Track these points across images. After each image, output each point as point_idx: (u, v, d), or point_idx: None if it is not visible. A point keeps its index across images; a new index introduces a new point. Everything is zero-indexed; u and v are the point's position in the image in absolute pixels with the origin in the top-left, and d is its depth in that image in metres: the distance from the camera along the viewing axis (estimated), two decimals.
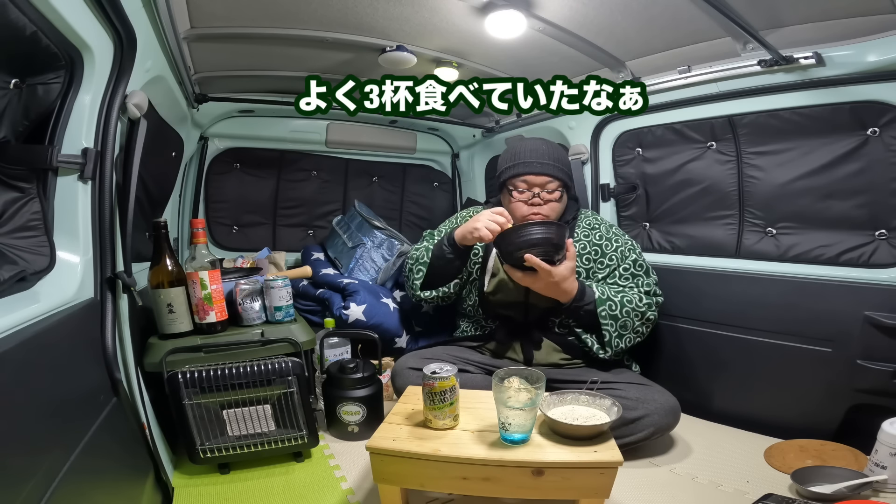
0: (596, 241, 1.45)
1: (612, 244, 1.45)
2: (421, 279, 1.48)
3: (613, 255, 1.44)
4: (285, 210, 2.36)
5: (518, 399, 0.88)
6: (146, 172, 1.21)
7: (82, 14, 0.80)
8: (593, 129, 1.79)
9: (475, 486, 0.90)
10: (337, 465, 1.23)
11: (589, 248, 1.44)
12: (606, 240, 1.46)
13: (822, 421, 1.27)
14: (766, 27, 1.22)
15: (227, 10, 1.33)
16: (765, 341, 1.36)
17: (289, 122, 2.22)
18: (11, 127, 0.76)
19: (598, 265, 1.43)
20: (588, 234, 1.46)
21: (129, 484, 0.93)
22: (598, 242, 1.45)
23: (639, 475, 1.18)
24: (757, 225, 1.44)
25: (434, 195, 2.66)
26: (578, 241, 1.45)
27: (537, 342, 1.41)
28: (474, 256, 1.50)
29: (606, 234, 1.47)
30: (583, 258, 1.43)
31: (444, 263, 1.43)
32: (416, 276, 1.49)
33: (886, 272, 1.19)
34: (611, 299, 1.34)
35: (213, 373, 1.13)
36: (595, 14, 1.32)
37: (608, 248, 1.45)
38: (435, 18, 1.40)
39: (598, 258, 1.44)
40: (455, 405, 0.97)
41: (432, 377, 0.94)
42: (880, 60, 1.10)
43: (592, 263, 1.44)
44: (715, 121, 1.47)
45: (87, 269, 0.90)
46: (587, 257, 1.43)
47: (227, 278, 1.34)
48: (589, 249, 1.44)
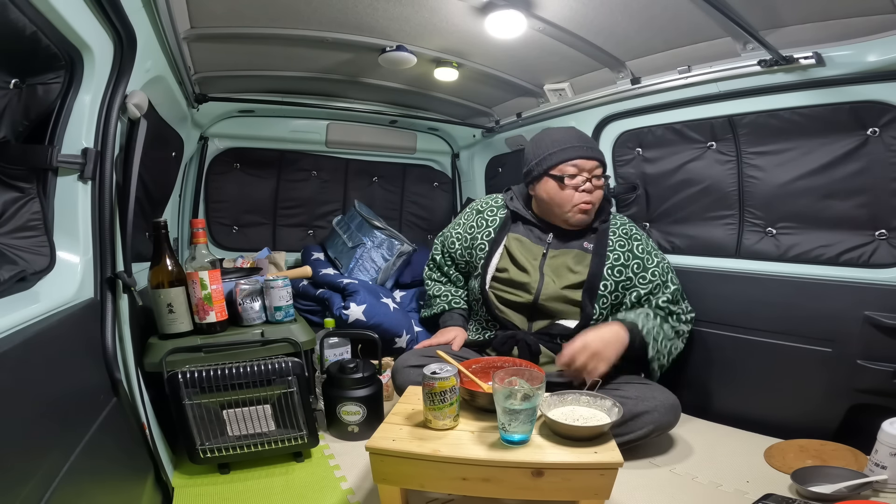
0: (638, 254, 1.36)
1: (652, 258, 1.36)
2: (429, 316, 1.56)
3: (655, 271, 1.35)
4: (285, 210, 2.36)
5: (518, 400, 0.88)
6: (146, 172, 1.21)
7: (82, 14, 0.80)
8: (593, 129, 1.78)
9: (475, 487, 0.90)
10: (337, 465, 1.23)
11: (623, 258, 1.34)
12: (647, 253, 1.36)
13: (822, 421, 1.27)
14: (766, 27, 1.22)
15: (227, 10, 1.33)
16: (765, 341, 1.36)
17: (289, 122, 2.22)
18: (11, 127, 0.76)
19: (640, 280, 1.34)
20: (624, 244, 1.36)
21: (129, 484, 0.93)
22: (640, 256, 1.35)
23: (639, 476, 1.18)
24: (757, 225, 1.44)
25: (434, 195, 2.66)
26: (613, 250, 1.35)
27: (535, 353, 1.35)
28: (480, 252, 1.45)
29: (647, 246, 1.38)
30: (615, 270, 1.33)
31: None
32: (426, 312, 1.56)
33: (886, 272, 1.19)
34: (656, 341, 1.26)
35: (213, 373, 1.13)
36: (595, 14, 1.32)
37: (650, 262, 1.35)
38: (435, 18, 1.40)
39: (640, 273, 1.35)
40: (455, 405, 0.97)
41: (432, 377, 0.94)
42: (880, 60, 1.10)
43: (628, 275, 1.34)
44: (715, 121, 1.47)
45: (87, 269, 0.90)
46: (619, 269, 1.34)
47: (227, 278, 1.34)
48: (623, 260, 1.34)
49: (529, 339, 1.35)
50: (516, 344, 1.36)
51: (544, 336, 1.36)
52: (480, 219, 1.50)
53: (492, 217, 1.48)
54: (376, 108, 2.19)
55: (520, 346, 1.35)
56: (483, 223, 1.48)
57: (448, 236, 1.56)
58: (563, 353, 1.13)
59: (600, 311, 1.35)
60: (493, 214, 1.49)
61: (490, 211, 1.50)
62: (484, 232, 1.47)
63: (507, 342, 1.36)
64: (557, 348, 1.31)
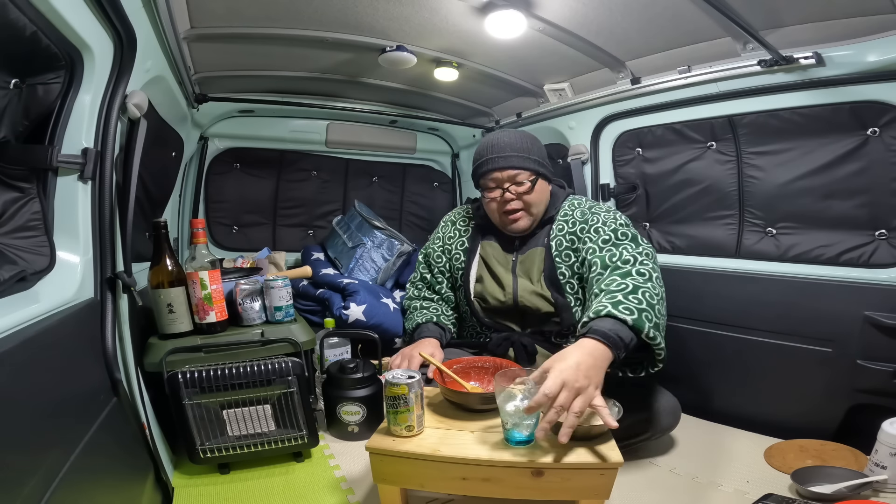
0: (570, 229, 1.31)
1: (587, 225, 1.29)
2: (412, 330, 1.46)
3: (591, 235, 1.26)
4: (285, 210, 2.36)
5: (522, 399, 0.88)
6: (146, 172, 1.21)
7: (82, 14, 0.80)
8: (593, 129, 1.79)
9: (475, 487, 0.90)
10: (337, 465, 1.23)
11: (566, 241, 1.31)
12: (582, 223, 1.30)
13: (822, 421, 1.27)
14: (766, 27, 1.22)
15: (227, 9, 1.33)
16: (765, 341, 1.36)
17: (289, 122, 2.22)
18: (11, 127, 0.76)
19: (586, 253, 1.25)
20: (563, 227, 1.33)
21: (129, 484, 0.93)
22: (572, 231, 1.31)
23: (639, 476, 1.18)
24: (757, 225, 1.44)
25: (434, 195, 2.66)
26: (554, 237, 1.32)
27: (531, 354, 1.33)
28: (458, 263, 1.44)
29: (581, 217, 1.32)
30: (562, 255, 1.30)
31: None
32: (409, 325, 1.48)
33: (886, 272, 1.19)
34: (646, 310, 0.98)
35: (213, 373, 1.12)
36: (595, 14, 1.32)
37: (584, 230, 1.28)
38: (435, 18, 1.40)
39: (575, 246, 1.29)
40: (408, 415, 0.92)
41: (387, 382, 0.92)
42: (880, 60, 1.10)
43: (574, 257, 1.29)
44: (715, 121, 1.47)
45: (87, 269, 0.90)
46: (566, 252, 1.30)
47: (227, 278, 1.34)
48: (566, 244, 1.30)
49: (525, 340, 1.33)
50: (511, 346, 1.34)
51: (538, 336, 1.35)
52: (454, 229, 1.49)
53: (464, 227, 1.48)
54: (376, 108, 2.19)
55: (515, 348, 1.34)
56: (457, 233, 1.48)
57: (432, 251, 1.52)
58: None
59: (573, 298, 1.30)
60: (465, 224, 1.48)
61: (462, 221, 1.49)
62: (458, 242, 1.46)
63: (503, 344, 1.35)
64: (554, 346, 1.31)
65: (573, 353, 0.89)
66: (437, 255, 1.50)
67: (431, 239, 1.56)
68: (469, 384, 1.13)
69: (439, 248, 1.50)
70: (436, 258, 1.50)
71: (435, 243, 1.52)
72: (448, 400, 1.07)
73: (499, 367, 1.14)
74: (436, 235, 1.54)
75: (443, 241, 1.50)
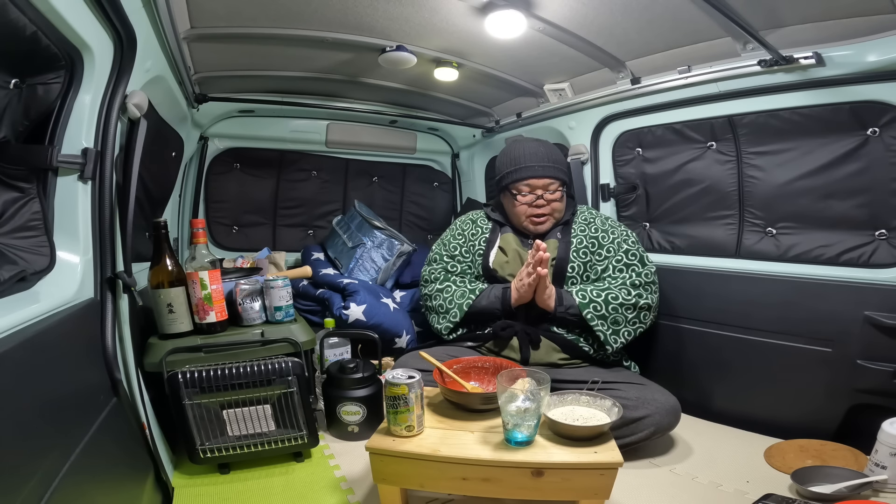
0: (592, 233, 1.49)
1: (608, 235, 1.48)
2: (453, 324, 1.47)
3: (610, 247, 1.47)
4: (285, 210, 2.36)
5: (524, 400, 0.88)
6: (146, 172, 1.21)
7: (82, 14, 0.80)
8: (593, 129, 1.79)
9: (475, 487, 0.90)
10: (337, 465, 1.23)
11: (586, 241, 1.47)
12: (602, 231, 1.49)
13: (822, 421, 1.27)
14: (766, 27, 1.22)
15: (227, 10, 1.33)
16: (765, 341, 1.36)
17: (289, 122, 2.22)
18: (11, 127, 0.76)
19: (597, 257, 1.46)
20: (584, 229, 1.50)
21: (129, 484, 0.93)
22: (594, 235, 1.48)
23: (639, 475, 1.18)
24: (757, 225, 1.44)
25: (434, 195, 2.66)
26: (576, 236, 1.48)
27: (535, 341, 1.40)
28: (479, 246, 1.53)
29: (602, 226, 1.51)
30: (580, 252, 1.45)
31: (490, 317, 1.45)
32: (446, 320, 1.48)
33: (886, 272, 1.19)
34: (594, 301, 1.37)
35: (213, 373, 1.13)
36: (595, 14, 1.32)
37: (605, 239, 1.48)
38: (435, 18, 1.40)
39: (595, 250, 1.46)
40: (408, 415, 0.93)
41: (387, 382, 0.93)
42: (880, 60, 1.10)
43: (590, 256, 1.46)
44: (715, 121, 1.47)
45: (87, 269, 0.90)
46: (584, 251, 1.46)
47: (227, 278, 1.34)
48: (586, 243, 1.47)
49: (529, 329, 1.40)
50: (515, 334, 1.40)
51: (542, 325, 1.41)
52: (475, 226, 1.61)
53: (484, 224, 1.60)
54: (376, 108, 2.19)
55: (519, 336, 1.40)
56: (478, 230, 1.59)
57: (448, 241, 1.61)
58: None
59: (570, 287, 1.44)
60: (484, 223, 1.61)
61: (482, 220, 1.63)
62: (480, 237, 1.57)
63: (507, 329, 1.41)
64: (556, 336, 1.40)
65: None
66: (454, 245, 1.59)
67: (447, 235, 1.64)
68: (469, 384, 1.13)
69: (456, 239, 1.60)
70: (451, 248, 1.59)
71: (452, 233, 1.62)
72: (448, 400, 1.07)
73: (499, 367, 1.14)
74: (454, 232, 1.63)
75: (465, 235, 1.59)
